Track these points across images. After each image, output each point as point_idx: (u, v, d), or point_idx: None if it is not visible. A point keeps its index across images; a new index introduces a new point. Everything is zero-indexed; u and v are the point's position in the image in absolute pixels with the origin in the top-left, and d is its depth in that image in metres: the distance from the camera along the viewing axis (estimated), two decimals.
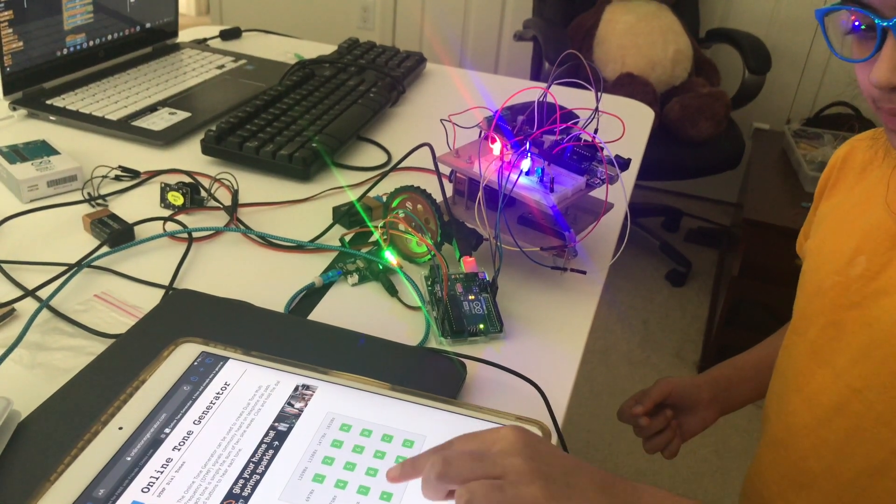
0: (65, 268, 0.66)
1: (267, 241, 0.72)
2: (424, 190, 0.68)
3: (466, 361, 0.56)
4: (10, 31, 0.90)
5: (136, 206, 0.77)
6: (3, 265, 0.66)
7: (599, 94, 0.65)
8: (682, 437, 0.85)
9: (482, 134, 0.68)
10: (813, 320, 0.66)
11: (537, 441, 0.43)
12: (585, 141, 0.67)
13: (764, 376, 0.77)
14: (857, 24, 0.51)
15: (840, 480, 0.63)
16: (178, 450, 0.44)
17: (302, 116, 0.92)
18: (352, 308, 0.65)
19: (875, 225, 0.61)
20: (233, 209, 0.77)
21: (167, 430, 0.45)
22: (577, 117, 0.69)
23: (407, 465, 0.43)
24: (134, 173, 0.82)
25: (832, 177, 0.72)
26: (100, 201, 0.77)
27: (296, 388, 0.49)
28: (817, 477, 0.65)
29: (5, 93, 0.93)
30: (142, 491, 0.41)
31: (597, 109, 0.66)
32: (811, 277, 0.69)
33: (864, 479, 0.61)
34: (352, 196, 0.81)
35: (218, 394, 0.48)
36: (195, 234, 0.72)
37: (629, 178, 0.92)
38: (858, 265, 0.61)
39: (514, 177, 0.64)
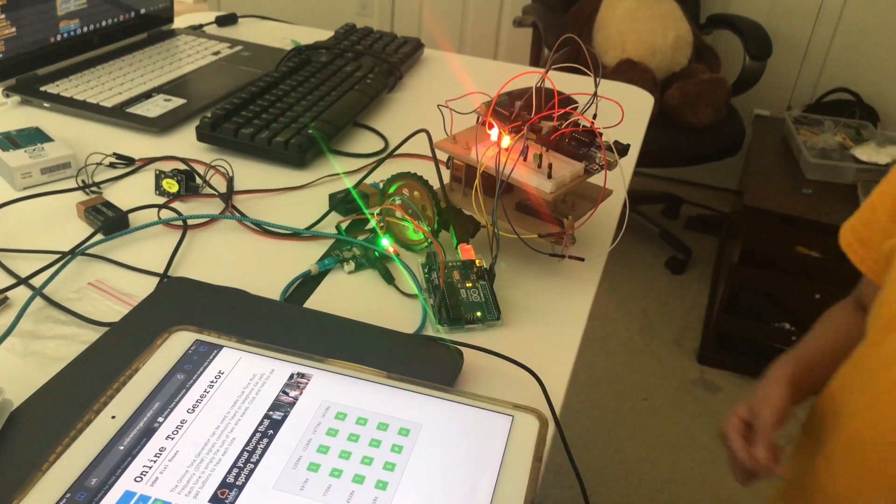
0: (58, 255, 0.65)
1: (262, 229, 0.72)
2: (421, 176, 0.68)
3: (463, 349, 0.56)
4: (3, 16, 0.89)
5: (130, 193, 0.77)
6: None
7: (598, 78, 0.64)
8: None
9: (480, 120, 0.68)
10: None
11: None
12: (584, 126, 0.66)
13: (828, 370, 0.72)
14: None
15: None
16: (172, 439, 0.43)
17: (298, 103, 0.91)
18: (348, 296, 0.64)
19: None
20: (228, 196, 0.76)
21: (160, 419, 0.45)
22: (576, 103, 0.69)
23: None
24: (128, 160, 0.81)
25: None
26: (94, 188, 0.76)
27: (291, 377, 0.48)
28: None
29: None
30: (135, 480, 0.41)
31: (595, 94, 0.66)
32: None
33: None
34: (348, 183, 0.81)
35: (212, 382, 0.47)
36: (190, 222, 0.71)
37: (628, 164, 0.91)
38: None
39: (511, 163, 0.63)
